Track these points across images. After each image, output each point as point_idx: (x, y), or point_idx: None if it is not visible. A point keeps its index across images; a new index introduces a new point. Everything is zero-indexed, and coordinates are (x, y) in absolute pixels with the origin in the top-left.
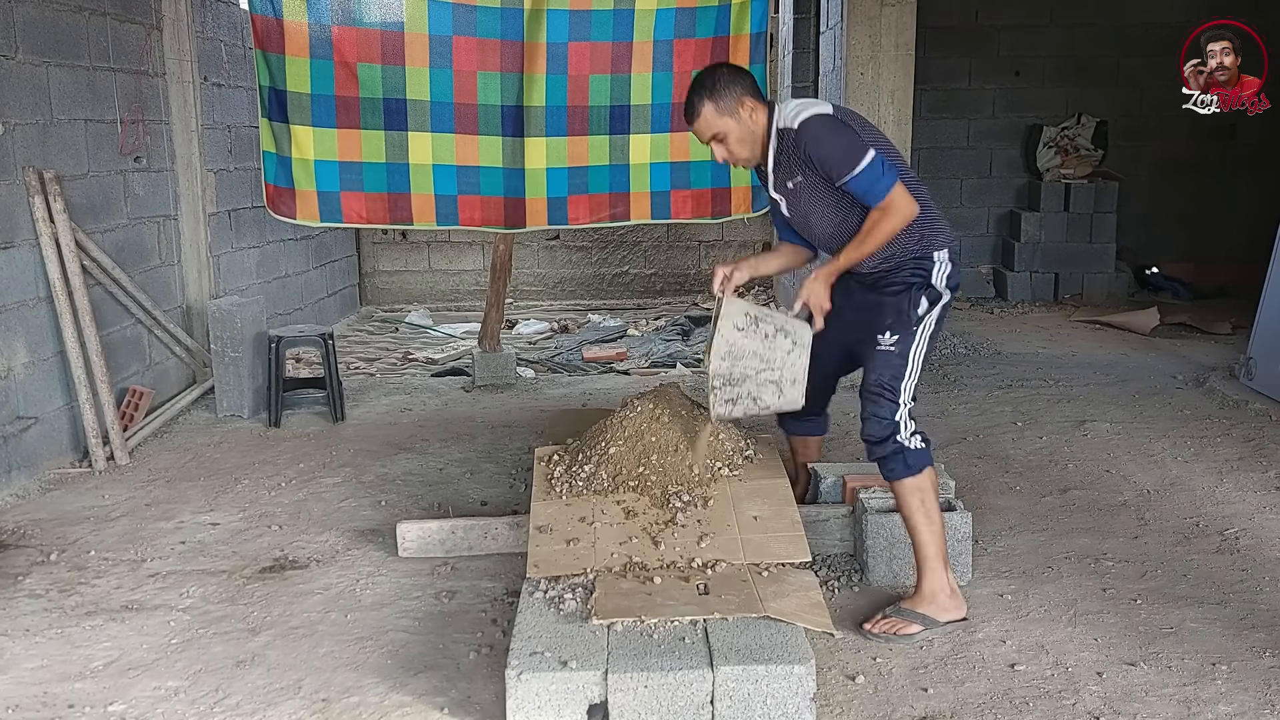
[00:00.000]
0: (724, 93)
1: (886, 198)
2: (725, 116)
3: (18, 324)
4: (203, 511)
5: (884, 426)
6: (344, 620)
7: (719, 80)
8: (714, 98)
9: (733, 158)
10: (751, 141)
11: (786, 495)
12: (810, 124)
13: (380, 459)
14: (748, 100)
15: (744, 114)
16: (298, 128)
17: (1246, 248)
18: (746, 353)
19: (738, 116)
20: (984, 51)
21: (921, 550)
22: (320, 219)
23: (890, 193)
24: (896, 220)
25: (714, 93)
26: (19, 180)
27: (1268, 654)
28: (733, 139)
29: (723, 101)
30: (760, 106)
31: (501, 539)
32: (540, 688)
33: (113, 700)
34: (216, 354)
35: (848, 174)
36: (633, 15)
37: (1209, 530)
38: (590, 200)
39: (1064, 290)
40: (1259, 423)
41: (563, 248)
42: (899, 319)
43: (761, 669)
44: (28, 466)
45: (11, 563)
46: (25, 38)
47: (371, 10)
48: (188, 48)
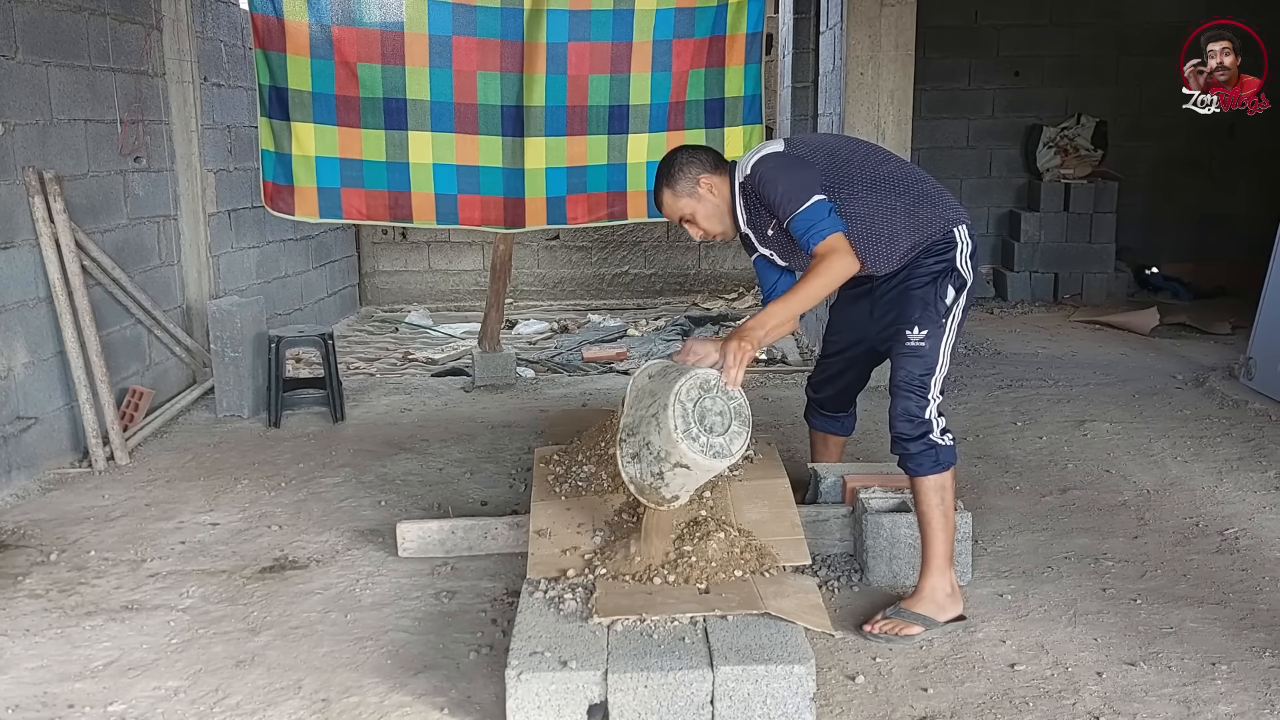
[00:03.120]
0: (679, 177)
1: (821, 243)
2: (684, 199)
3: (18, 324)
4: (203, 511)
5: (916, 425)
6: (344, 620)
7: (674, 166)
8: (670, 184)
9: (707, 234)
10: (719, 215)
11: (786, 497)
12: (759, 166)
13: (380, 459)
14: (703, 178)
15: (703, 191)
16: (298, 124)
17: (1246, 248)
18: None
19: (697, 195)
20: (984, 51)
21: (931, 548)
22: (320, 215)
23: (826, 239)
24: (836, 267)
25: (670, 179)
26: (19, 180)
27: (1267, 654)
28: (700, 218)
29: (679, 185)
30: (721, 179)
31: (501, 539)
32: (540, 688)
33: (112, 700)
34: (216, 354)
35: (790, 214)
36: (632, 15)
37: (1209, 530)
38: (589, 199)
39: (1064, 290)
40: (1259, 423)
41: (562, 248)
42: (926, 313)
43: (761, 669)
44: (28, 466)
45: (11, 563)
46: (25, 38)
47: (371, 10)
48: (187, 48)
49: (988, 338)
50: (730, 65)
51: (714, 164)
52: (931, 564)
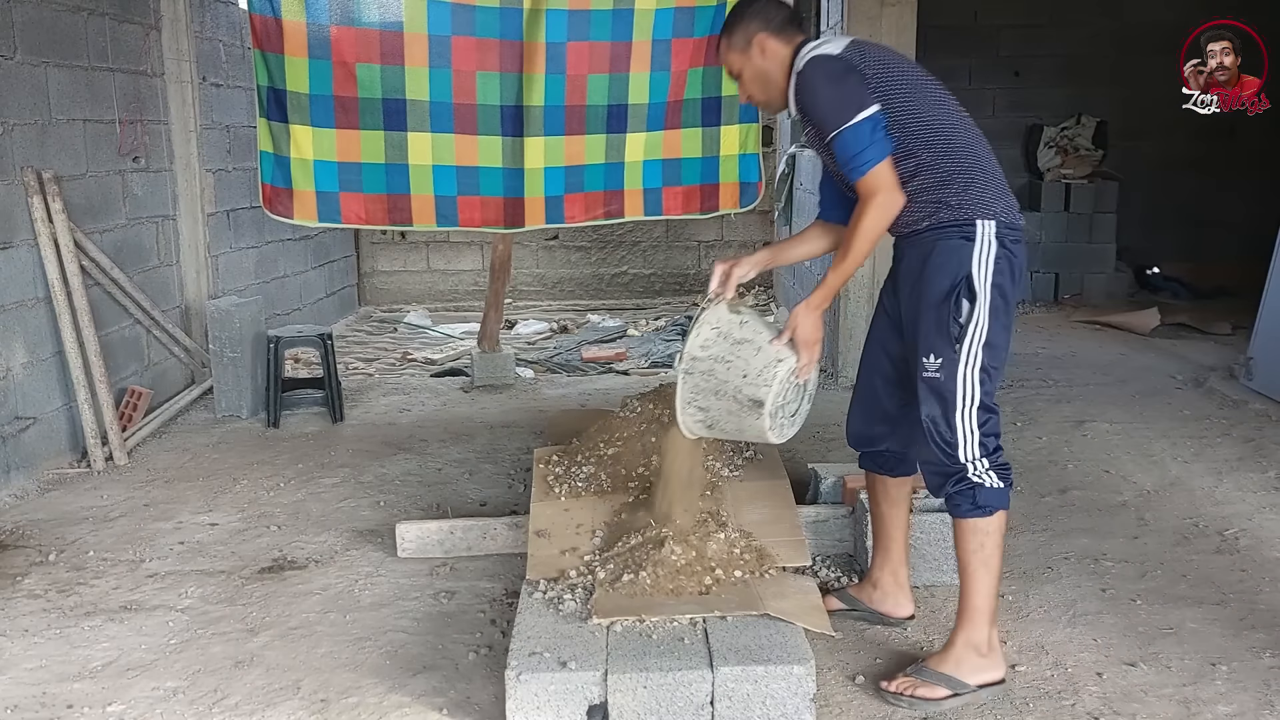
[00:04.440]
0: (737, 27)
1: (864, 177)
2: (735, 52)
3: (16, 324)
4: (201, 512)
5: (939, 469)
6: (343, 621)
7: (737, 14)
8: (727, 33)
9: (751, 98)
10: (764, 82)
11: (787, 498)
12: (806, 69)
13: (379, 459)
14: (759, 37)
15: (754, 53)
16: (297, 127)
17: (1246, 248)
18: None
19: (748, 54)
20: (984, 51)
21: (969, 599)
22: (318, 219)
23: (869, 172)
24: (876, 215)
25: (729, 28)
26: (17, 180)
27: (1267, 654)
28: (746, 78)
29: (735, 36)
30: (778, 44)
31: (500, 539)
32: (540, 688)
33: (111, 701)
34: (215, 354)
35: (830, 132)
36: (632, 15)
37: (1208, 530)
38: (586, 198)
39: (1064, 290)
40: (1259, 423)
41: (561, 248)
42: (939, 336)
43: (761, 669)
44: (26, 467)
45: (10, 563)
46: (24, 38)
47: (370, 10)
48: (186, 48)
49: None
50: None
51: (780, 25)
52: (964, 616)
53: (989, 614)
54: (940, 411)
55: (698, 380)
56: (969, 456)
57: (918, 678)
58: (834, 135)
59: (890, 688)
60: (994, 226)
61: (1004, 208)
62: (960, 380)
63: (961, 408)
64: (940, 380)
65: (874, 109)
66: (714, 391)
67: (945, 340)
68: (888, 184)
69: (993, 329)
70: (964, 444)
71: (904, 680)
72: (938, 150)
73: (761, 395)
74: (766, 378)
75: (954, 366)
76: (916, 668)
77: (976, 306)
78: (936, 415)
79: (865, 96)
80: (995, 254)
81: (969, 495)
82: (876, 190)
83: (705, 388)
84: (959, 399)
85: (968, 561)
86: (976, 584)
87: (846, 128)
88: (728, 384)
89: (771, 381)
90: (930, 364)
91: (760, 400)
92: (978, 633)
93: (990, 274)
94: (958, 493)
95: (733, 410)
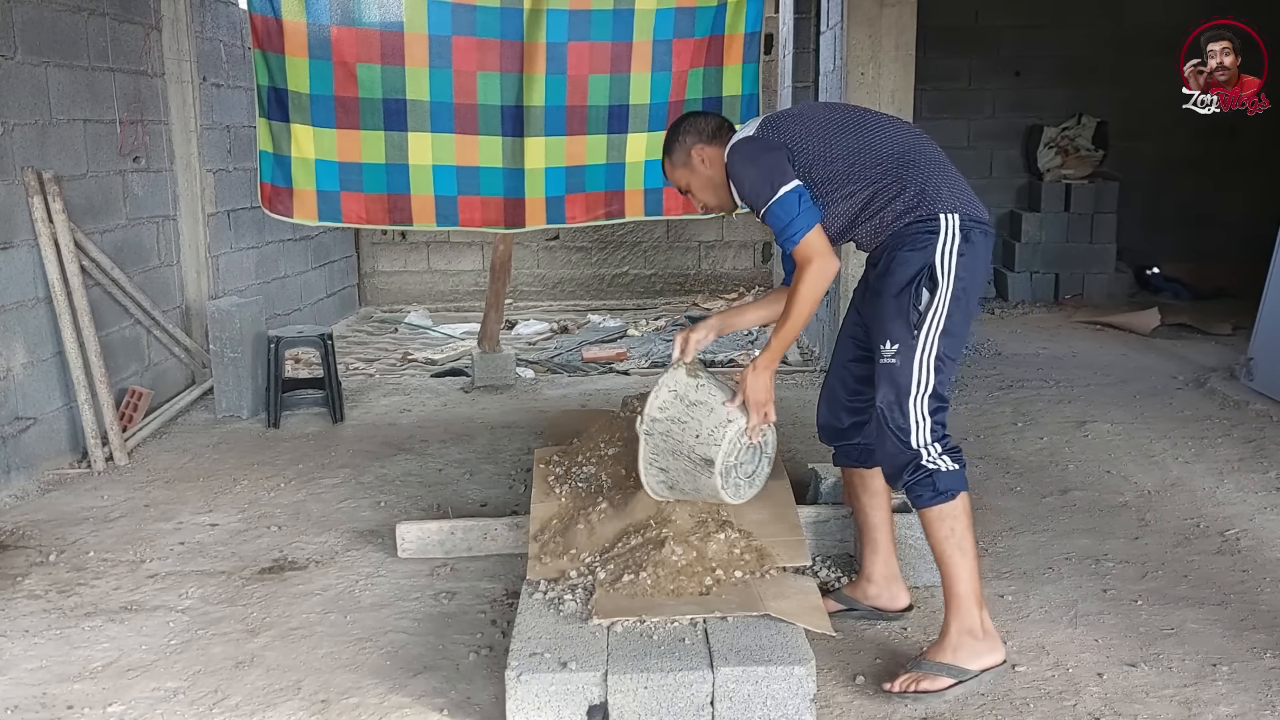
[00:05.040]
0: (676, 146)
1: (797, 246)
2: (680, 169)
3: (16, 324)
4: (202, 512)
5: (895, 456)
6: (343, 621)
7: (674, 135)
8: (668, 153)
9: (705, 207)
10: (712, 188)
11: (787, 498)
12: (730, 156)
13: (379, 460)
14: (696, 149)
15: (695, 163)
16: (298, 127)
17: (1247, 248)
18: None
19: (691, 167)
20: (984, 51)
21: (952, 586)
22: (318, 218)
23: (801, 240)
24: (813, 280)
25: (668, 149)
26: (18, 180)
27: (1268, 655)
28: (695, 189)
29: (675, 154)
30: (715, 150)
31: (501, 540)
32: (540, 689)
33: (112, 701)
34: (215, 354)
35: (761, 208)
36: (632, 15)
37: (1209, 531)
38: (587, 199)
39: (1064, 290)
40: (1259, 423)
41: (562, 248)
42: (897, 323)
43: (762, 670)
44: (26, 467)
45: (10, 563)
46: (24, 38)
47: (370, 10)
48: (187, 48)
49: (988, 338)
50: (729, 64)
51: (712, 133)
52: (952, 605)
53: (975, 597)
54: (894, 397)
55: (657, 441)
56: (920, 442)
57: (918, 671)
58: (764, 211)
59: (893, 688)
60: (958, 220)
61: (963, 201)
62: (915, 366)
63: (914, 394)
64: (896, 366)
65: (795, 183)
66: (671, 452)
67: (904, 327)
68: (820, 250)
69: (952, 318)
70: (916, 430)
71: (906, 678)
72: (885, 169)
73: (712, 454)
74: (717, 438)
75: (910, 353)
76: (915, 663)
77: (937, 296)
78: (890, 400)
79: (785, 171)
80: (959, 245)
81: (928, 483)
82: (811, 257)
83: (664, 448)
84: (913, 385)
85: (942, 549)
86: (956, 569)
87: (774, 202)
88: (683, 444)
89: (721, 441)
90: (887, 350)
91: (710, 459)
92: (969, 617)
93: (953, 264)
94: (917, 482)
95: (688, 470)
